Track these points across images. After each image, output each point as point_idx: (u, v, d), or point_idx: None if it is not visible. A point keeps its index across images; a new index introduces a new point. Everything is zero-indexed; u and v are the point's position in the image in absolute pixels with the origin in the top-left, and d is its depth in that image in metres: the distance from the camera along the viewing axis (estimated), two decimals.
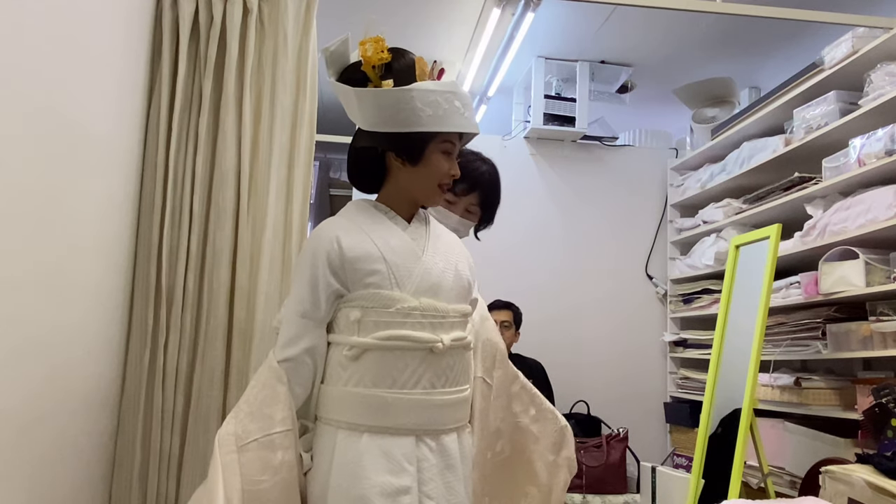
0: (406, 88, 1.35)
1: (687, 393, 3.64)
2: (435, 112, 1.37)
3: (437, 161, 1.42)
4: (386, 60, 1.39)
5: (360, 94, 1.39)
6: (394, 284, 1.36)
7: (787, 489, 2.66)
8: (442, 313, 1.39)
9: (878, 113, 2.44)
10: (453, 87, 1.41)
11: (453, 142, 1.43)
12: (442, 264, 1.43)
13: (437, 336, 1.36)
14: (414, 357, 1.35)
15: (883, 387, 2.15)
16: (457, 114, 1.39)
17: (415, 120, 1.36)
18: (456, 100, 1.39)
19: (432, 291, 1.39)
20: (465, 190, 1.75)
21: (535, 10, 2.91)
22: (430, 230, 1.48)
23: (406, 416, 1.34)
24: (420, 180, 1.43)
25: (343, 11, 3.08)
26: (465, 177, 1.63)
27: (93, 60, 1.60)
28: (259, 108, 2.01)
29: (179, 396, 1.89)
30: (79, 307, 1.60)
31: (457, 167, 1.45)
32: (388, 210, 1.46)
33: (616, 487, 3.37)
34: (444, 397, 1.37)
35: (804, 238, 2.73)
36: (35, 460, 1.42)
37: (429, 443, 1.35)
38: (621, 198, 3.97)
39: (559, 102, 3.77)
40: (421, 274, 1.39)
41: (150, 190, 1.93)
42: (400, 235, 1.42)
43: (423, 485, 1.33)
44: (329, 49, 1.42)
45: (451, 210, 1.77)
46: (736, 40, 3.43)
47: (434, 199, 1.47)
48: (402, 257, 1.39)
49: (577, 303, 3.84)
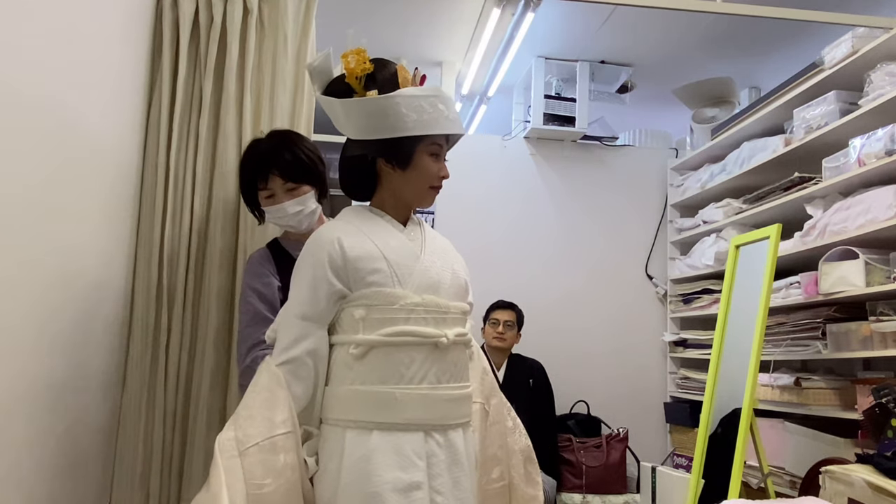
0: (391, 95, 1.39)
1: (687, 393, 3.65)
2: (420, 116, 1.40)
3: (425, 164, 1.45)
4: (368, 71, 1.43)
5: (345, 104, 1.43)
6: (396, 282, 1.38)
7: (787, 489, 2.66)
8: (444, 309, 1.41)
9: (878, 113, 2.44)
10: (436, 91, 1.46)
11: (440, 144, 1.47)
12: (440, 264, 1.46)
13: (440, 331, 1.38)
14: (420, 352, 1.37)
15: (883, 387, 2.15)
16: (441, 116, 1.43)
17: (401, 125, 1.40)
18: (440, 103, 1.44)
19: (433, 289, 1.42)
20: (267, 176, 1.74)
21: (535, 10, 2.91)
22: (425, 233, 1.52)
23: (414, 410, 1.35)
24: (411, 184, 1.47)
25: (343, 12, 3.09)
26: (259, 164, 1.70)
27: (93, 61, 1.60)
28: (259, 108, 2.01)
29: (180, 396, 1.89)
30: (79, 307, 1.60)
31: (446, 169, 1.49)
32: (384, 214, 1.49)
33: (616, 487, 3.38)
34: (450, 392, 1.40)
35: (804, 238, 2.73)
36: (36, 460, 1.42)
37: (437, 438, 1.37)
38: (621, 198, 3.97)
39: (559, 102, 3.77)
40: (421, 272, 1.42)
41: (150, 190, 1.93)
42: (398, 236, 1.45)
43: (432, 479, 1.34)
44: (312, 64, 1.47)
45: (273, 202, 1.75)
46: (736, 40, 3.44)
47: (426, 201, 1.51)
48: (402, 256, 1.41)
49: (576, 303, 3.84)
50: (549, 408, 3.46)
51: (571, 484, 3.35)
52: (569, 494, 3.32)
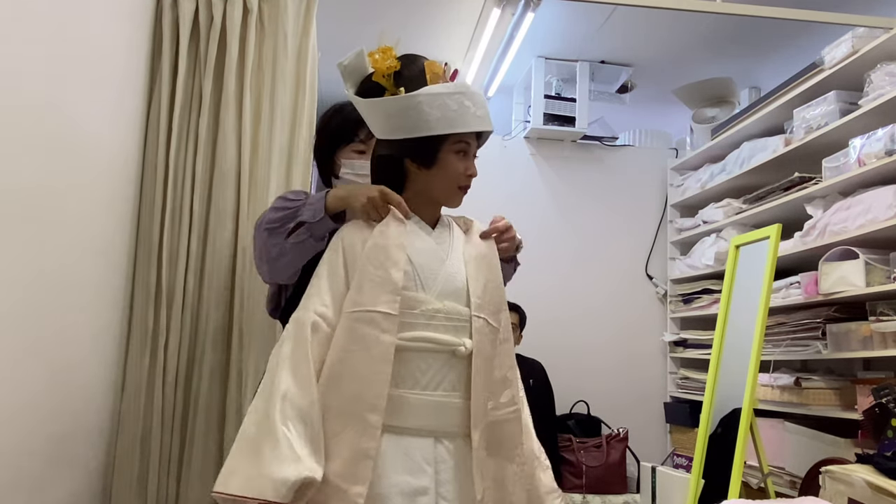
0: (412, 94, 1.37)
1: (687, 393, 3.64)
2: (444, 114, 1.38)
3: (451, 162, 1.43)
4: (395, 68, 1.40)
5: (369, 104, 1.42)
6: (419, 286, 1.37)
7: (787, 489, 2.66)
8: (465, 317, 1.39)
9: (878, 113, 2.44)
10: (462, 87, 1.42)
11: (468, 142, 1.44)
12: (465, 270, 1.43)
13: (459, 340, 1.36)
14: (437, 359, 1.36)
15: (883, 387, 2.15)
16: (467, 114, 1.40)
17: (423, 124, 1.38)
18: (466, 100, 1.40)
19: (456, 295, 1.40)
20: (368, 134, 1.64)
21: (535, 10, 2.91)
22: (454, 236, 1.49)
23: (426, 417, 1.34)
24: (437, 183, 1.45)
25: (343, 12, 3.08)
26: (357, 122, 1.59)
27: (93, 60, 1.60)
28: (259, 107, 2.01)
29: (179, 396, 1.89)
30: (79, 307, 1.60)
31: (474, 167, 1.46)
32: (412, 215, 1.46)
33: (616, 487, 3.37)
34: (464, 402, 1.37)
35: (804, 238, 2.73)
36: (36, 460, 1.42)
37: (447, 444, 1.35)
38: (621, 198, 3.97)
39: (559, 102, 3.76)
40: (445, 278, 1.40)
41: (150, 190, 1.93)
42: (425, 239, 1.44)
43: (439, 486, 1.33)
44: (343, 63, 1.44)
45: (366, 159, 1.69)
46: (736, 40, 3.43)
47: (454, 201, 1.49)
48: (427, 260, 1.40)
49: (576, 303, 3.84)
50: (549, 408, 3.46)
51: (571, 484, 3.35)
52: (569, 494, 3.32)
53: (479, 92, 1.46)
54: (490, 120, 1.46)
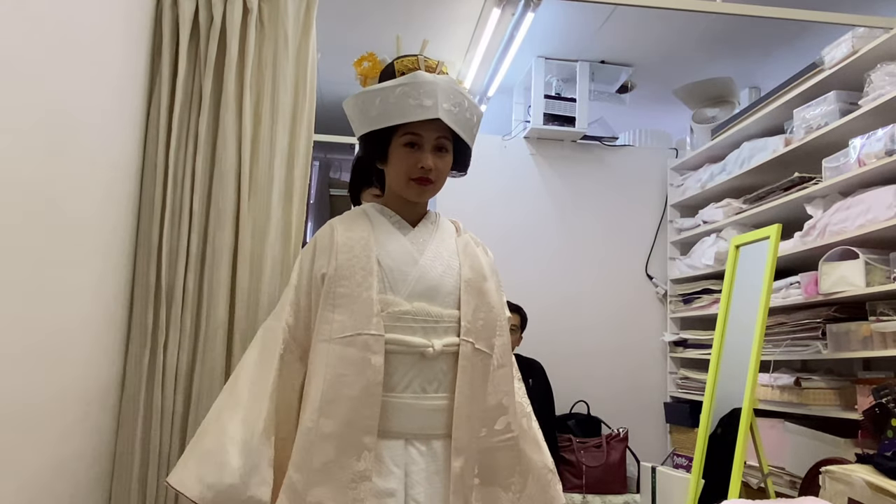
0: (359, 93, 1.40)
1: (687, 393, 3.64)
2: (385, 109, 1.37)
3: (401, 155, 1.40)
4: (371, 74, 1.44)
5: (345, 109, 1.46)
6: (387, 288, 1.37)
7: (787, 489, 2.66)
8: (435, 318, 1.37)
9: (878, 113, 2.44)
10: (407, 78, 1.37)
11: (417, 133, 1.39)
12: (441, 268, 1.41)
13: (428, 341, 1.35)
14: (405, 361, 1.34)
15: (883, 387, 2.15)
16: (406, 105, 1.36)
17: (367, 120, 1.40)
18: (410, 90, 1.36)
19: (428, 296, 1.38)
20: None
21: (535, 10, 2.91)
22: (438, 233, 1.48)
23: (396, 419, 1.33)
24: (393, 177, 1.45)
25: (344, 11, 3.08)
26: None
27: (92, 60, 1.60)
28: (259, 108, 2.01)
29: (179, 396, 1.89)
30: (78, 307, 1.60)
31: (428, 159, 1.39)
32: (393, 214, 1.46)
33: (616, 487, 3.37)
34: (435, 402, 1.35)
35: (804, 238, 2.73)
36: (35, 460, 1.42)
37: (418, 446, 1.34)
38: (621, 198, 3.97)
39: (559, 102, 3.77)
40: (416, 278, 1.39)
41: (150, 190, 1.93)
42: (399, 239, 1.43)
43: (410, 488, 1.31)
44: None
45: None
46: (736, 40, 3.43)
47: (410, 193, 1.43)
48: (398, 262, 1.39)
49: (576, 303, 3.84)
50: (549, 408, 3.46)
51: (571, 484, 3.35)
52: (569, 494, 3.32)
53: (435, 81, 1.37)
54: (437, 108, 1.35)
